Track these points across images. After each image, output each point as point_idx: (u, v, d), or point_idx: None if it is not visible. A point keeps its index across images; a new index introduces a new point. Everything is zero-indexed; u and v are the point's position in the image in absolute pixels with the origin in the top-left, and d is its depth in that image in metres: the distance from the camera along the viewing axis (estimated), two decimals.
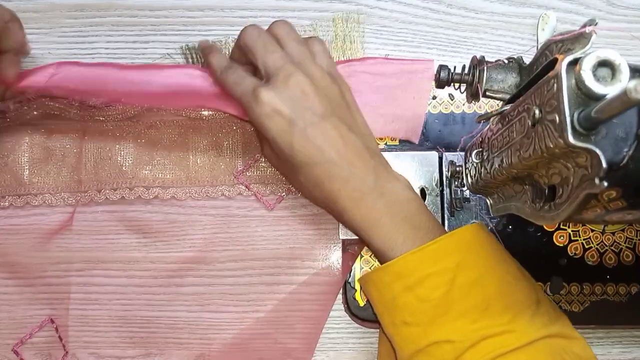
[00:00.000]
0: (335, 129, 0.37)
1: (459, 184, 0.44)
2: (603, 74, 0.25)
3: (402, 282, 0.35)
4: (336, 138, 0.37)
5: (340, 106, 0.39)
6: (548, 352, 0.33)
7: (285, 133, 0.37)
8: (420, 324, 0.35)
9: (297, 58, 0.39)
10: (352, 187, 0.37)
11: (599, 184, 0.24)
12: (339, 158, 0.37)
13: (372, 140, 0.40)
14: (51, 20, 0.47)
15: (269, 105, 0.37)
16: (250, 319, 0.44)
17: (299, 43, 0.40)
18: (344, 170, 0.37)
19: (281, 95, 0.37)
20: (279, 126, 0.37)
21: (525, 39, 0.48)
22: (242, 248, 0.44)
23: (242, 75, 0.39)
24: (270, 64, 0.38)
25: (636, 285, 0.44)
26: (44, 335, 0.43)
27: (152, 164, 0.45)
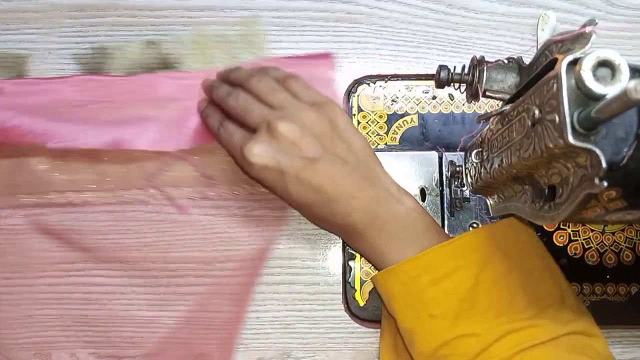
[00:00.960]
0: (329, 168, 0.38)
1: (458, 184, 0.44)
2: (603, 74, 0.25)
3: (429, 276, 0.36)
4: (331, 176, 0.37)
5: (331, 140, 0.39)
6: (570, 348, 0.33)
7: (279, 183, 0.38)
8: (446, 317, 0.35)
9: (278, 105, 0.39)
10: (354, 218, 0.38)
11: (598, 184, 0.24)
12: (337, 194, 0.38)
13: (372, 164, 0.40)
14: (51, 20, 0.47)
15: (257, 164, 0.37)
16: (250, 318, 0.44)
17: (275, 91, 0.40)
18: (344, 205, 0.38)
19: (267, 149, 0.37)
20: (270, 179, 0.38)
21: (525, 39, 0.48)
22: (242, 248, 0.44)
23: (231, 132, 0.40)
24: (252, 120, 0.39)
25: (636, 285, 0.44)
26: (44, 335, 0.43)
27: (65, 168, 0.44)
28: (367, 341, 0.44)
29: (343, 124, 0.40)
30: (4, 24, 0.46)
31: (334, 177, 0.38)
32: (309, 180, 0.37)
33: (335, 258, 0.45)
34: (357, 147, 0.40)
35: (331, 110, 0.40)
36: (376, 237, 0.38)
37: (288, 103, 0.39)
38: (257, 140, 0.38)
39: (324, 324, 0.44)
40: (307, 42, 0.47)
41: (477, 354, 0.33)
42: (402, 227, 0.38)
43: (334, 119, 0.39)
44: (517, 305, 0.34)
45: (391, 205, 0.38)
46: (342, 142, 0.39)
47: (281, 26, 0.47)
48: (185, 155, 0.44)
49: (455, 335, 0.34)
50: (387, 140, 0.46)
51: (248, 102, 0.40)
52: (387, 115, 0.46)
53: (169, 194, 0.44)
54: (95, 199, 0.44)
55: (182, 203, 0.44)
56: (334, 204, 0.38)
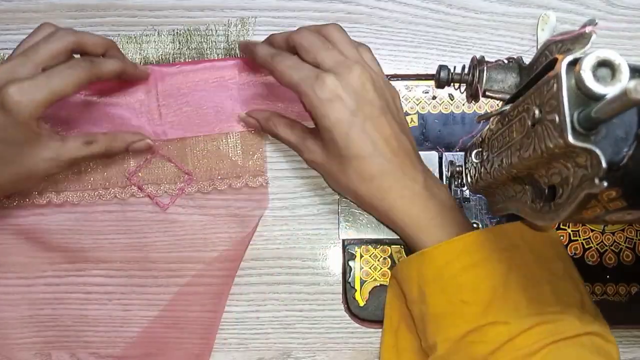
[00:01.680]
0: (391, 127, 0.38)
1: (458, 184, 0.44)
2: (603, 74, 0.25)
3: (465, 261, 0.36)
4: (391, 135, 0.38)
5: (393, 108, 0.40)
6: (592, 347, 0.34)
7: (344, 122, 0.37)
8: (479, 303, 0.35)
9: (353, 59, 0.39)
10: (403, 185, 0.38)
11: (598, 184, 0.24)
12: (392, 155, 0.38)
13: (416, 147, 0.41)
14: (51, 21, 0.46)
15: (334, 91, 0.37)
16: (250, 318, 0.44)
17: (353, 46, 0.40)
18: (396, 168, 0.38)
19: (345, 83, 0.37)
20: (339, 113, 0.37)
21: (525, 39, 0.48)
22: (241, 248, 0.44)
23: (299, 61, 0.39)
24: (329, 59, 0.38)
25: (636, 285, 0.44)
26: (44, 335, 0.43)
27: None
28: (367, 341, 0.44)
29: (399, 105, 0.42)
30: (4, 24, 0.46)
31: (393, 138, 0.38)
32: (372, 131, 0.38)
33: (335, 258, 0.45)
34: (408, 128, 0.41)
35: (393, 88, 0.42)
36: (424, 208, 0.38)
37: (362, 62, 0.39)
38: (338, 75, 0.37)
39: (324, 324, 0.44)
40: None
41: (504, 343, 0.33)
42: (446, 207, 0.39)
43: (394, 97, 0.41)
44: (546, 299, 0.35)
45: (435, 184, 0.39)
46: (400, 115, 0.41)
47: (281, 26, 0.47)
48: (165, 152, 0.44)
49: (487, 322, 0.34)
50: None
51: (323, 42, 0.39)
52: None
53: (150, 191, 0.44)
54: (76, 198, 0.44)
55: (162, 200, 0.44)
56: (386, 164, 0.38)
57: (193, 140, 0.45)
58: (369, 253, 0.44)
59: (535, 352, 0.32)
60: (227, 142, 0.45)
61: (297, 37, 0.39)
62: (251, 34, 0.46)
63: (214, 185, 0.44)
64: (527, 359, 0.32)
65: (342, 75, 0.37)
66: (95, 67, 0.38)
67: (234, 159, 0.45)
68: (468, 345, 0.35)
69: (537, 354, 0.32)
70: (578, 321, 0.34)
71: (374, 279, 0.44)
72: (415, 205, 0.38)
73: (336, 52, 0.38)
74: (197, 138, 0.45)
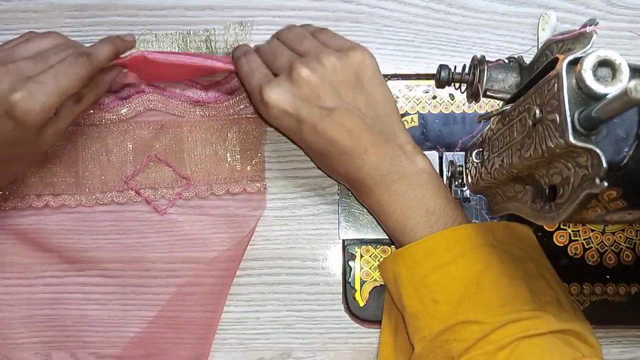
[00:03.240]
0: (346, 120, 0.37)
1: (459, 183, 0.44)
2: (603, 74, 0.25)
3: (435, 260, 0.36)
4: (347, 129, 0.37)
5: (352, 89, 0.38)
6: (567, 344, 0.33)
7: (295, 129, 0.38)
8: (450, 302, 0.35)
9: (305, 52, 0.39)
10: (365, 173, 0.38)
11: (599, 183, 0.24)
12: (352, 147, 0.38)
13: (391, 120, 0.39)
14: (51, 20, 0.46)
15: (275, 107, 0.37)
16: (250, 318, 0.44)
17: (306, 39, 0.40)
18: (357, 158, 0.38)
19: (286, 93, 0.37)
20: (287, 125, 0.38)
21: (525, 39, 0.48)
22: (240, 248, 0.44)
23: (252, 67, 0.40)
24: (279, 63, 0.39)
25: (636, 285, 0.44)
26: (44, 335, 0.43)
27: (43, 171, 0.44)
28: (367, 341, 0.44)
29: (369, 73, 0.39)
30: (4, 24, 0.46)
31: (350, 129, 0.37)
32: (325, 131, 0.37)
33: (335, 258, 0.45)
34: (379, 100, 0.39)
35: (357, 57, 0.39)
36: (384, 193, 0.38)
37: (314, 49, 0.39)
38: (278, 83, 0.38)
39: (324, 324, 0.44)
40: None
41: (478, 340, 0.33)
42: (411, 187, 0.37)
43: (360, 68, 0.39)
44: (521, 298, 0.34)
45: (402, 163, 0.38)
46: (363, 94, 0.39)
47: (281, 25, 0.47)
48: (163, 156, 0.44)
49: (458, 321, 0.34)
50: None
51: (278, 47, 0.40)
52: None
53: (147, 195, 0.44)
54: (73, 202, 0.44)
55: (159, 204, 0.44)
56: (346, 157, 0.38)
57: (190, 144, 0.44)
58: (369, 253, 0.44)
59: (506, 345, 0.32)
60: (226, 146, 0.45)
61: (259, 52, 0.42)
62: (249, 38, 0.46)
63: (212, 190, 0.44)
64: (498, 352, 0.32)
65: (284, 81, 0.38)
66: (94, 59, 0.37)
67: (232, 164, 0.45)
68: (443, 344, 0.35)
69: (507, 347, 0.32)
70: (554, 319, 0.34)
71: (374, 279, 0.44)
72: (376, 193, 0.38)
73: (285, 56, 0.39)
74: (195, 143, 0.44)
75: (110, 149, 0.44)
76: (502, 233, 0.38)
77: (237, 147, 0.45)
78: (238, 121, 0.45)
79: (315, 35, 0.41)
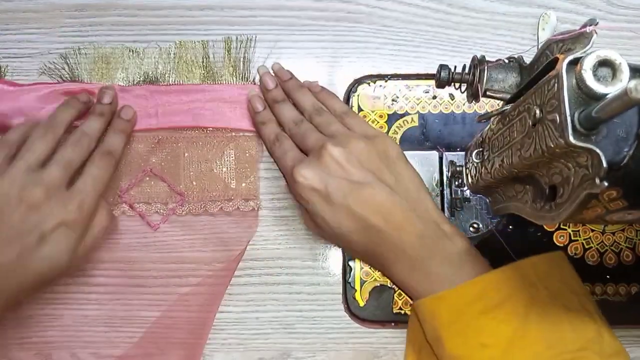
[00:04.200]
0: (377, 194, 0.38)
1: (459, 183, 0.44)
2: (603, 74, 0.25)
3: (484, 303, 0.35)
4: (379, 203, 0.37)
5: (379, 169, 0.39)
6: None
7: (323, 206, 0.38)
8: (498, 346, 0.35)
9: (333, 135, 0.40)
10: (402, 252, 0.38)
11: (599, 183, 0.24)
12: (385, 224, 0.37)
13: (422, 198, 0.39)
14: (51, 20, 0.46)
15: (304, 185, 0.38)
16: (250, 318, 0.44)
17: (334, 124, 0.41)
18: (392, 236, 0.37)
19: (315, 171, 0.38)
20: (317, 202, 0.38)
21: (525, 39, 0.48)
22: (239, 248, 0.44)
23: (284, 150, 0.41)
24: (309, 145, 0.40)
25: (636, 285, 0.44)
26: (44, 335, 0.43)
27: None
28: (367, 341, 0.44)
29: (393, 156, 0.40)
30: (4, 24, 0.46)
31: (382, 205, 0.37)
32: (357, 205, 0.37)
33: (335, 258, 0.45)
34: (407, 179, 0.40)
35: (382, 142, 0.40)
36: (418, 272, 0.37)
37: (342, 132, 0.40)
38: (308, 163, 0.39)
39: (324, 324, 0.44)
40: (307, 41, 0.47)
41: None
42: (452, 269, 0.37)
43: (384, 151, 0.40)
44: (566, 338, 0.35)
45: (441, 243, 0.38)
46: (391, 173, 0.39)
47: (281, 25, 0.47)
48: (158, 171, 0.44)
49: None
50: None
51: (308, 130, 0.41)
52: (387, 115, 0.46)
53: (141, 210, 0.44)
54: None
55: (153, 220, 0.44)
56: (381, 234, 0.37)
57: (186, 160, 0.44)
58: None
59: None
60: (222, 164, 0.45)
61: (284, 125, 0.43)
62: (252, 55, 0.46)
63: (205, 207, 0.44)
64: None
65: (313, 160, 0.39)
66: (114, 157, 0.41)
67: (227, 182, 0.44)
68: None
69: None
70: (597, 356, 0.34)
71: (374, 279, 0.44)
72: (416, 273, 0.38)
73: (314, 137, 0.40)
74: (191, 159, 0.44)
75: None
76: (542, 268, 0.37)
77: (233, 165, 0.45)
78: (235, 139, 0.45)
79: (342, 119, 0.42)
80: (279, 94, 0.44)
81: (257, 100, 0.44)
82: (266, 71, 0.45)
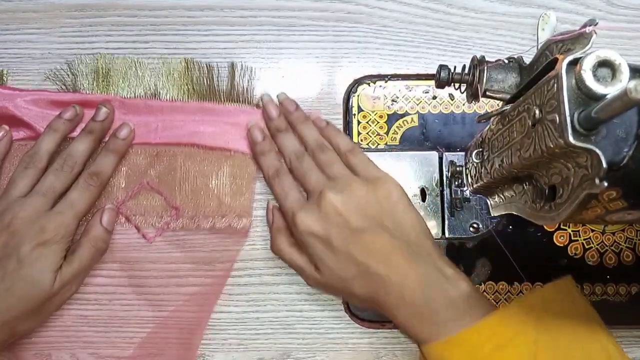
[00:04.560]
0: (377, 240, 0.38)
1: (459, 184, 0.44)
2: (603, 74, 0.25)
3: (493, 343, 0.35)
4: (379, 249, 0.37)
5: (380, 214, 0.39)
6: None
7: (327, 253, 0.38)
8: None
9: (334, 177, 0.41)
10: (409, 301, 0.37)
11: (599, 184, 0.24)
12: (386, 270, 0.37)
13: (423, 243, 0.39)
14: (51, 20, 0.47)
15: (306, 231, 0.38)
16: (250, 319, 0.44)
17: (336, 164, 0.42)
18: (394, 282, 0.37)
19: (316, 217, 0.39)
20: (318, 247, 0.38)
21: (525, 39, 0.48)
22: (242, 248, 0.44)
23: (286, 189, 0.41)
24: (309, 185, 0.41)
25: (636, 285, 0.44)
26: (44, 335, 0.43)
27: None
28: (367, 341, 0.44)
29: (395, 200, 0.40)
30: (4, 24, 0.46)
31: (381, 250, 0.37)
32: (358, 251, 0.37)
33: None
34: (407, 223, 0.39)
35: (384, 186, 0.40)
36: (423, 317, 0.37)
37: (343, 175, 0.41)
38: (309, 208, 0.39)
39: (324, 325, 0.44)
40: (306, 41, 0.47)
41: None
42: (457, 313, 0.36)
43: (386, 195, 0.40)
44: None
45: (444, 288, 0.37)
46: (392, 218, 0.39)
47: (281, 26, 0.47)
48: (155, 184, 0.44)
49: None
50: (387, 140, 0.46)
51: (309, 168, 0.41)
52: (387, 115, 0.46)
53: (137, 222, 0.44)
54: None
55: (148, 233, 0.44)
56: (384, 280, 0.37)
57: (183, 174, 0.44)
58: None
59: None
60: (218, 180, 0.44)
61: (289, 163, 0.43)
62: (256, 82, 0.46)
63: (198, 222, 0.44)
64: None
65: (313, 205, 0.39)
66: (100, 178, 0.42)
67: (221, 198, 0.44)
68: None
69: None
70: None
71: None
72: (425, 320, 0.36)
73: (314, 178, 0.41)
74: (188, 173, 0.44)
75: None
76: (549, 296, 0.37)
77: (229, 181, 0.45)
78: (233, 156, 0.45)
79: (346, 157, 0.42)
80: (282, 123, 0.44)
81: (257, 131, 0.44)
82: (270, 99, 0.45)
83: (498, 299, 0.44)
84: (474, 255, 0.44)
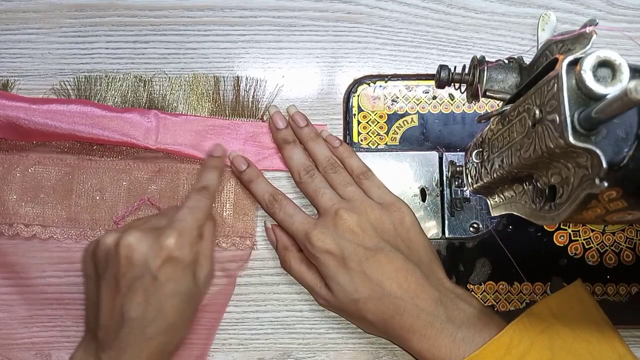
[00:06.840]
0: (392, 261, 0.38)
1: (459, 184, 0.44)
2: (603, 74, 0.25)
3: (513, 354, 0.36)
4: (394, 270, 0.38)
5: (394, 237, 0.40)
6: None
7: (341, 271, 0.38)
8: None
9: (347, 196, 0.41)
10: (424, 322, 0.37)
11: (599, 184, 0.24)
12: (402, 291, 0.38)
13: (434, 266, 0.40)
14: (51, 20, 0.47)
15: (321, 248, 0.38)
16: (250, 319, 0.44)
17: (350, 185, 0.42)
18: (410, 304, 0.37)
19: (331, 234, 0.39)
20: (333, 265, 0.39)
21: (525, 39, 0.48)
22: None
23: (290, 212, 0.41)
24: (321, 203, 0.41)
25: (636, 285, 0.44)
26: (44, 335, 0.43)
27: (34, 201, 0.43)
28: (367, 341, 0.44)
29: (407, 224, 0.41)
30: (4, 24, 0.46)
31: (395, 271, 0.38)
32: (372, 272, 0.38)
33: None
34: (420, 247, 0.40)
35: (397, 210, 0.41)
36: (438, 337, 0.37)
37: (357, 197, 0.41)
38: (323, 226, 0.39)
39: (324, 325, 0.44)
40: (307, 41, 0.47)
41: None
42: (472, 331, 0.37)
43: (399, 219, 0.41)
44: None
45: (460, 307, 0.38)
46: (405, 242, 0.40)
47: (281, 26, 0.47)
48: (156, 201, 0.44)
49: None
50: (388, 140, 0.46)
51: (322, 186, 0.41)
52: (387, 115, 0.46)
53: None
54: (61, 235, 0.44)
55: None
56: (399, 302, 0.37)
57: (185, 191, 0.44)
58: None
59: None
60: (221, 199, 0.44)
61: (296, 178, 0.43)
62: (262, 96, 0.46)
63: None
64: None
65: (328, 224, 0.39)
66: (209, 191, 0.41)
67: (224, 217, 0.44)
68: None
69: None
70: None
71: None
72: (442, 345, 0.37)
73: (327, 197, 0.40)
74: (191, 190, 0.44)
75: (105, 186, 0.44)
76: (557, 305, 0.38)
77: (232, 200, 0.44)
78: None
79: (359, 180, 0.42)
80: (290, 134, 0.44)
81: (239, 160, 0.43)
82: (277, 110, 0.45)
83: (498, 299, 0.44)
84: (474, 255, 0.44)
